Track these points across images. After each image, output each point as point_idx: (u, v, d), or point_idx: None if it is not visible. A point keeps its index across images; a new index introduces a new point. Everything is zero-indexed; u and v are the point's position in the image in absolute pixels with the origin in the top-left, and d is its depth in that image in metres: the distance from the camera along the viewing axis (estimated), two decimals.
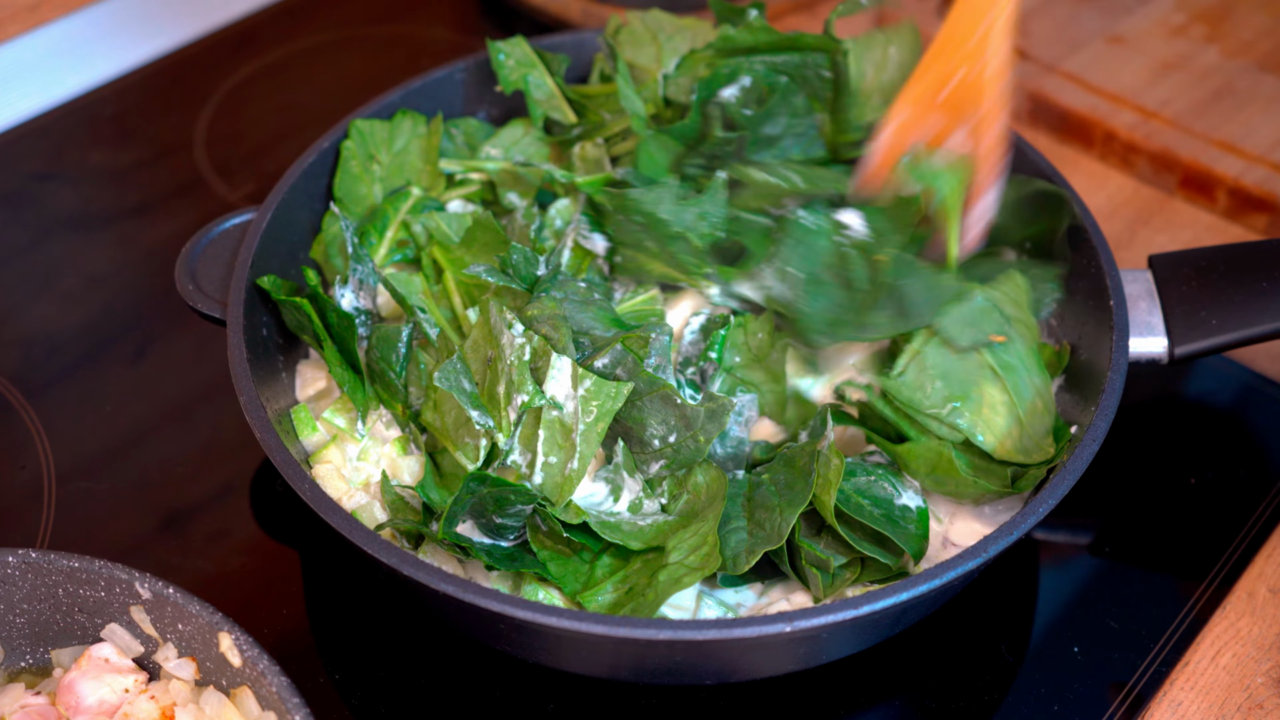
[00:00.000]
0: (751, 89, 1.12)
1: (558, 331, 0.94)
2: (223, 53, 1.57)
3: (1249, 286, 1.03)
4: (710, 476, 0.94)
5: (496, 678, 0.99)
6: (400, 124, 1.18)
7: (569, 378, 0.92)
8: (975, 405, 0.97)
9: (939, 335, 0.99)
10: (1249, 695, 0.98)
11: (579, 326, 0.98)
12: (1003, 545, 0.86)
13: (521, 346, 0.93)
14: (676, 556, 0.90)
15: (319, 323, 1.02)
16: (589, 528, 0.92)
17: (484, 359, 0.96)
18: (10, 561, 0.87)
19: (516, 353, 0.93)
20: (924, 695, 0.98)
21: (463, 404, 0.94)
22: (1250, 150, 1.35)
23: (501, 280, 0.99)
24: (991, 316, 1.00)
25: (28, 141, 1.45)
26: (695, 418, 0.92)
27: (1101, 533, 1.09)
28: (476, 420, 0.94)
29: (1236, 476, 1.12)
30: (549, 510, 0.92)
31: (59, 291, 1.30)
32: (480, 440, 0.94)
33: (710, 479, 0.94)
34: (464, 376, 0.95)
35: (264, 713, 0.83)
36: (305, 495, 0.89)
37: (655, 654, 0.87)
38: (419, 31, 1.61)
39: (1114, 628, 1.02)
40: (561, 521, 0.92)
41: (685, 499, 0.94)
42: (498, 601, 0.82)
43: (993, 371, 0.99)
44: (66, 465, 1.14)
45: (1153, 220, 1.35)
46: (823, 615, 0.82)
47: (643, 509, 0.94)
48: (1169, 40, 1.49)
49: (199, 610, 0.85)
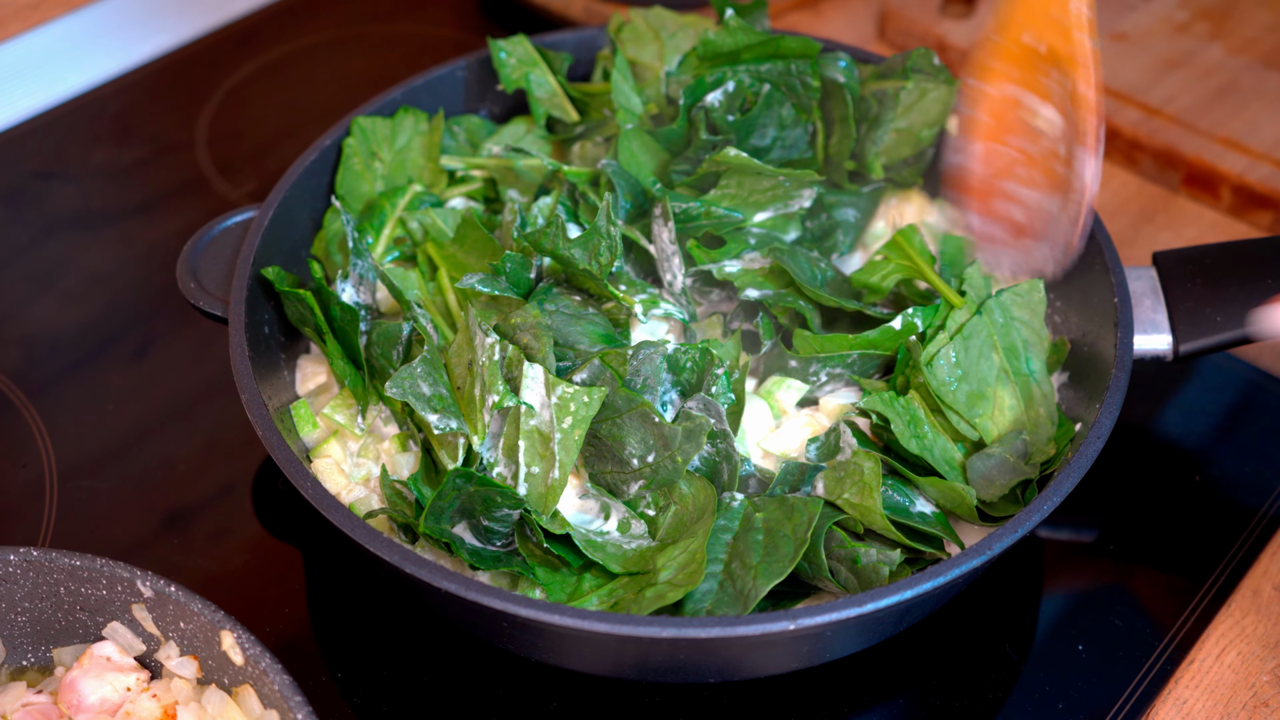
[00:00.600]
0: (735, 94, 1.12)
1: (538, 340, 0.94)
2: (224, 51, 1.57)
3: (1254, 283, 1.03)
4: (695, 487, 0.93)
5: (499, 676, 0.98)
6: (402, 121, 1.18)
7: (543, 385, 0.92)
8: (989, 406, 0.97)
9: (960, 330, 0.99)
10: (1254, 693, 0.97)
11: (565, 339, 0.97)
12: (1007, 543, 0.86)
13: (491, 347, 0.93)
14: (666, 575, 0.89)
15: (321, 316, 1.02)
16: (573, 541, 0.91)
17: (466, 363, 0.95)
18: (11, 560, 0.87)
19: (487, 353, 0.93)
20: (928, 694, 0.98)
21: (419, 409, 0.93)
22: (1254, 147, 1.34)
23: (495, 289, 0.98)
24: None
25: (29, 140, 1.45)
26: (673, 437, 0.91)
27: (1106, 531, 1.09)
28: (435, 424, 0.93)
29: (1241, 474, 1.12)
30: (535, 518, 0.91)
31: (60, 290, 1.29)
32: (459, 439, 0.94)
33: (695, 489, 0.93)
34: (424, 381, 0.94)
35: (266, 711, 0.83)
36: (307, 493, 0.88)
37: (658, 652, 0.86)
38: (420, 30, 1.61)
39: (1118, 626, 1.01)
40: (545, 532, 0.91)
41: (673, 510, 0.93)
42: (501, 599, 0.82)
43: (1006, 375, 0.99)
44: (68, 464, 1.13)
45: (1156, 218, 1.35)
46: (826, 613, 0.81)
47: (631, 529, 0.94)
48: (1172, 37, 1.48)
49: (201, 608, 0.84)
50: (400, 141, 1.17)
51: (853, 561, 0.89)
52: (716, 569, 0.90)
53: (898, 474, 0.97)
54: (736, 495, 0.93)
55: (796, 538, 0.88)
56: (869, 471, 0.91)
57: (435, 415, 0.93)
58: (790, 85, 1.13)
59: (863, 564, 0.89)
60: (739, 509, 0.92)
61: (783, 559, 0.88)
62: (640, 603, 0.87)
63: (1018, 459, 0.96)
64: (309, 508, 0.90)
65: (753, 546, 0.90)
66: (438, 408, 0.93)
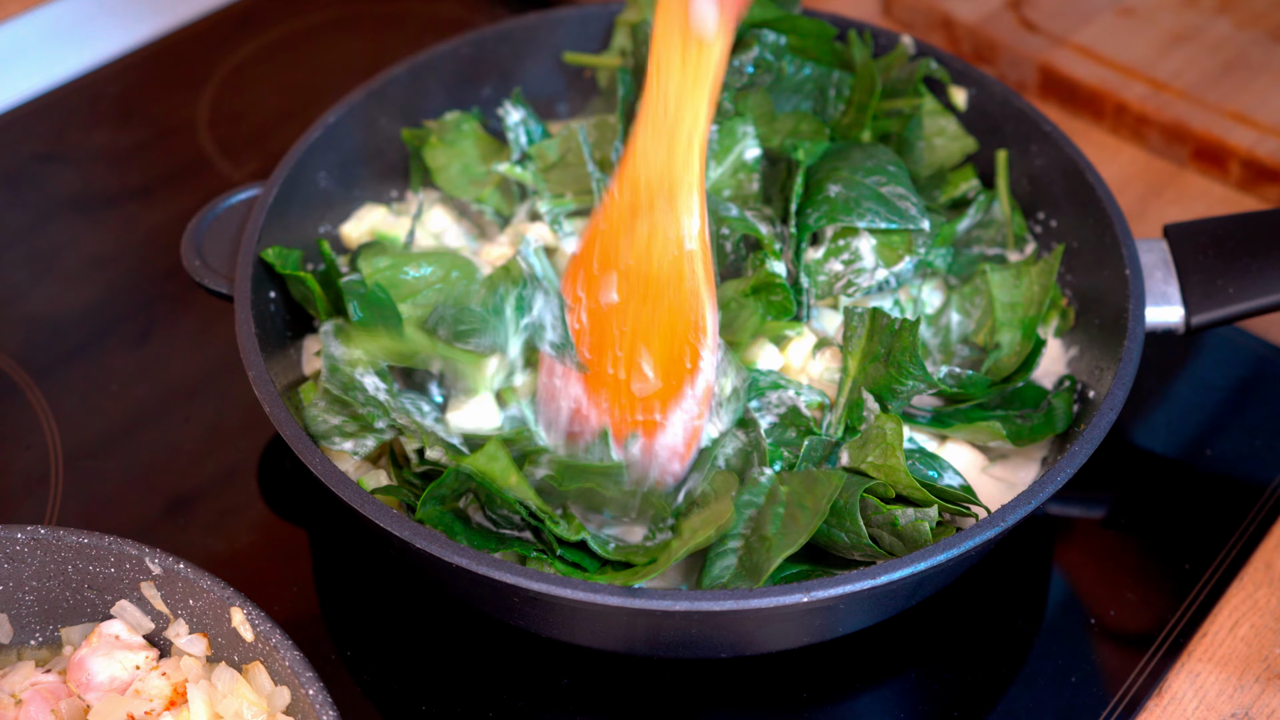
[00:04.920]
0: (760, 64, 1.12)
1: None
2: (225, 32, 1.56)
3: (1265, 255, 1.02)
4: (717, 482, 0.94)
5: (510, 653, 0.98)
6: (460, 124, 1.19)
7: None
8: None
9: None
10: (1267, 665, 0.97)
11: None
12: (1021, 514, 0.86)
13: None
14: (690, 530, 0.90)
15: (322, 299, 1.02)
16: (587, 547, 0.90)
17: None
18: (19, 539, 0.86)
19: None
20: (940, 667, 0.98)
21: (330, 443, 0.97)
22: (1263, 121, 1.34)
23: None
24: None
25: (29, 122, 1.44)
26: (631, 508, 0.96)
27: (1117, 504, 1.08)
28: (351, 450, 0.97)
29: (1252, 448, 1.11)
30: (550, 526, 0.89)
31: (62, 273, 1.29)
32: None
33: (717, 483, 0.94)
34: (330, 415, 0.96)
35: (277, 688, 0.83)
36: (316, 469, 0.88)
37: (671, 625, 0.86)
38: (424, 8, 1.60)
39: (1131, 599, 1.01)
40: (559, 539, 0.90)
41: (695, 512, 0.93)
42: (513, 574, 0.81)
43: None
44: (73, 446, 1.13)
45: (1165, 192, 1.34)
46: (841, 585, 0.81)
47: (656, 538, 0.94)
48: (1180, 12, 1.47)
49: (210, 585, 0.84)
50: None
51: (892, 525, 0.89)
52: (736, 544, 0.89)
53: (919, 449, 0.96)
54: (765, 470, 0.93)
55: (815, 509, 0.87)
56: (891, 433, 0.91)
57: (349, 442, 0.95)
58: (824, 92, 1.16)
59: (902, 525, 0.88)
60: (766, 484, 0.92)
61: (799, 531, 0.87)
62: (669, 554, 0.87)
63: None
64: (316, 487, 0.89)
65: (772, 519, 0.89)
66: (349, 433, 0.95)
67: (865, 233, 1.03)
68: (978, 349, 1.05)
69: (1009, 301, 1.06)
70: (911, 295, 1.07)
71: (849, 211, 1.03)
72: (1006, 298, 1.06)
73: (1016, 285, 1.06)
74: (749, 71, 1.10)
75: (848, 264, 1.03)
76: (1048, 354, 1.07)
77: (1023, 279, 1.06)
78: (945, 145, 1.15)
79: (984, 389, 1.00)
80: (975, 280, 1.08)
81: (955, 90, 1.16)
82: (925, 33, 1.50)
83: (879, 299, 1.05)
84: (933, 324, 1.07)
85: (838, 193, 1.04)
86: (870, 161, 1.06)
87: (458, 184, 1.16)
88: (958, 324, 1.07)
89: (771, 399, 0.98)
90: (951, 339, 1.07)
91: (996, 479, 0.99)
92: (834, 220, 1.03)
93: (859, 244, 1.03)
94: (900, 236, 1.03)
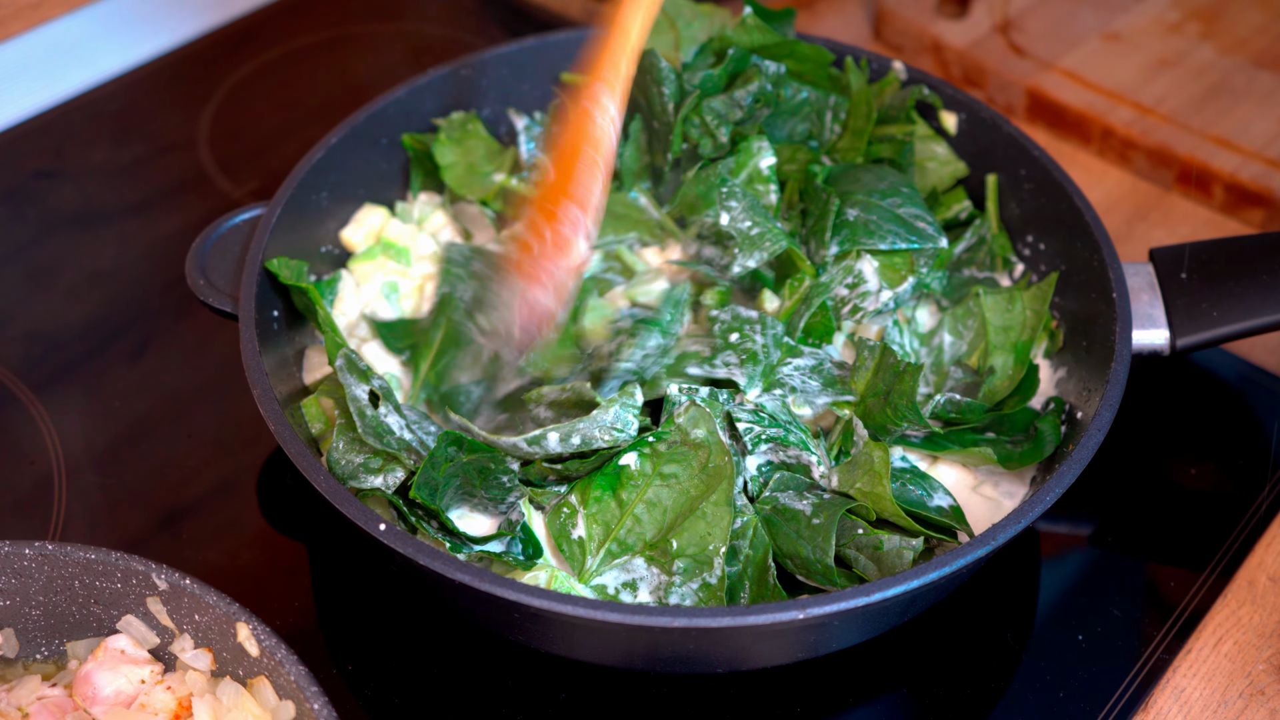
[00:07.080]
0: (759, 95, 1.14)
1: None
2: (225, 50, 1.57)
3: (1249, 279, 1.04)
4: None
5: (508, 668, 0.99)
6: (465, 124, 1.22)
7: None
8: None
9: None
10: (1250, 681, 0.99)
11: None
12: (1011, 533, 0.87)
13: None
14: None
15: (325, 312, 1.03)
16: (581, 455, 0.95)
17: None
18: (26, 554, 0.87)
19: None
20: (931, 683, 0.99)
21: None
22: (1246, 146, 1.36)
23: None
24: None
25: (30, 139, 1.45)
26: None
27: (1104, 523, 1.10)
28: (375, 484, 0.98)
29: (1236, 466, 1.13)
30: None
31: (63, 288, 1.30)
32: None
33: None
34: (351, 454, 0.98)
35: (281, 702, 0.84)
36: (320, 486, 0.89)
37: (669, 641, 0.87)
38: (420, 29, 1.61)
39: (1117, 616, 1.03)
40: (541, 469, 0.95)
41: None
42: (514, 590, 0.83)
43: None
44: (76, 460, 1.14)
45: (1150, 215, 1.36)
46: (836, 602, 0.82)
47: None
48: (1165, 37, 1.50)
49: (216, 600, 0.85)
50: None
51: (874, 548, 0.91)
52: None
53: (911, 469, 0.98)
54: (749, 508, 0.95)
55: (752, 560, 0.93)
56: (879, 460, 0.93)
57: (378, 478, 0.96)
58: (821, 117, 1.18)
59: (885, 549, 0.90)
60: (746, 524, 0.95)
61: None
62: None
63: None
64: (315, 502, 0.90)
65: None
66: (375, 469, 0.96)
67: (867, 254, 1.05)
68: (971, 371, 1.07)
69: (1002, 325, 1.08)
70: (906, 316, 1.09)
71: (870, 235, 1.05)
72: (999, 321, 1.08)
73: (1009, 309, 1.08)
74: (748, 104, 1.12)
75: (852, 287, 1.05)
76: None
77: (1015, 303, 1.08)
78: (937, 169, 1.17)
79: (981, 415, 1.02)
80: (968, 302, 1.10)
81: (946, 115, 1.19)
82: (915, 56, 1.52)
83: (877, 321, 1.07)
84: (926, 343, 1.09)
85: (856, 216, 1.06)
86: (883, 184, 1.08)
87: (465, 182, 1.18)
88: (950, 345, 1.09)
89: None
90: (944, 360, 1.09)
91: (986, 498, 1.01)
92: (857, 243, 1.05)
93: (861, 266, 1.05)
94: (902, 257, 1.05)
